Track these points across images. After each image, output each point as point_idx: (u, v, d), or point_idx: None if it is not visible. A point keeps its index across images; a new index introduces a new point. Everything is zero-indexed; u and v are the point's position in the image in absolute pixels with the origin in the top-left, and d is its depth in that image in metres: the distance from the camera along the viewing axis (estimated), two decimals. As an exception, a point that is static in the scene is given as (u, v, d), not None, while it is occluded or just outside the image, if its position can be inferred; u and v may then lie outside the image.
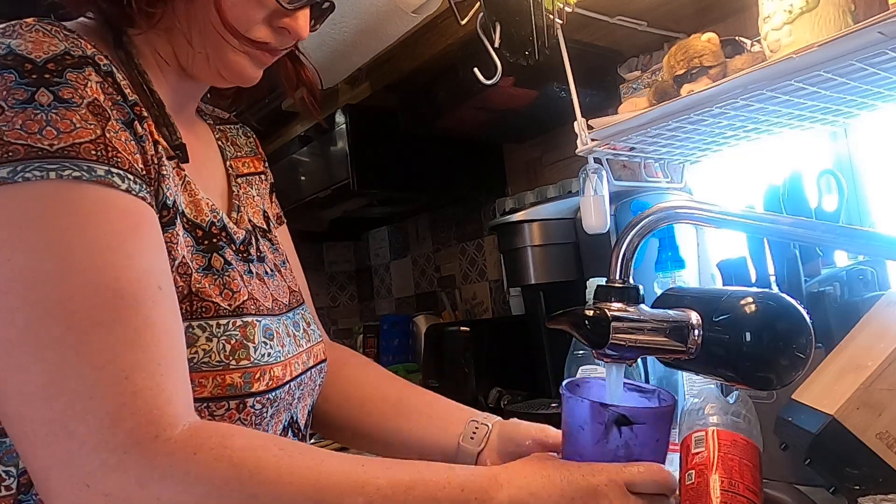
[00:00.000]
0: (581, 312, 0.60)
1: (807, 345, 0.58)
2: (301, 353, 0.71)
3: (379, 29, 1.22)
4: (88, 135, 0.52)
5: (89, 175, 0.51)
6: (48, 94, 0.51)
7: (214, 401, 0.59)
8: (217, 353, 0.60)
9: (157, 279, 0.54)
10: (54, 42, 0.54)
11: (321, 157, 1.64)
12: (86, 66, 0.55)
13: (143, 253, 0.53)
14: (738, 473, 0.71)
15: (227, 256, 0.66)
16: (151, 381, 0.49)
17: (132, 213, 0.54)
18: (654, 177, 1.16)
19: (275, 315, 0.69)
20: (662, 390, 0.66)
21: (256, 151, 0.89)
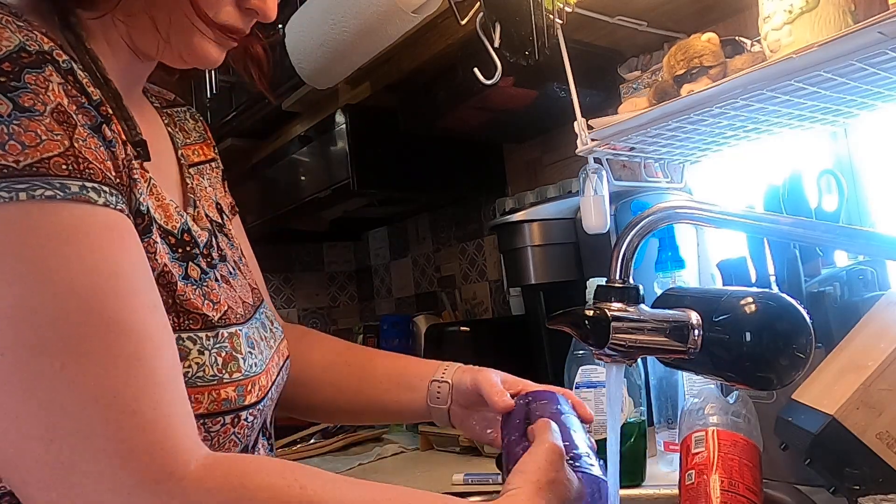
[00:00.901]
0: (581, 312, 0.60)
1: (807, 345, 0.58)
2: (273, 356, 0.70)
3: (379, 29, 1.21)
4: (56, 147, 0.47)
5: (63, 193, 0.46)
6: (7, 102, 0.46)
7: (211, 417, 0.57)
8: (210, 366, 0.58)
9: (147, 297, 0.50)
10: (6, 34, 0.47)
11: (321, 157, 1.64)
12: (45, 65, 0.48)
13: (130, 271, 0.49)
14: (738, 473, 0.71)
15: (202, 265, 0.63)
16: (156, 412, 0.46)
17: (113, 228, 0.49)
18: (654, 177, 1.16)
19: (248, 320, 0.67)
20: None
21: (206, 136, 0.83)
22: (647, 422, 0.97)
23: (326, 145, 1.60)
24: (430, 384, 0.81)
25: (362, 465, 1.33)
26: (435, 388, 0.81)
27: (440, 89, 1.36)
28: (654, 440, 1.00)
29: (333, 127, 1.56)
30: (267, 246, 2.19)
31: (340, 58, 1.31)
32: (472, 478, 1.07)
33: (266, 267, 2.39)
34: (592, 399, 0.94)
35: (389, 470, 1.28)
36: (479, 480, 1.06)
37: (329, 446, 1.49)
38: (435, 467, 1.22)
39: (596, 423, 0.94)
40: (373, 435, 1.56)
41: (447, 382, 0.81)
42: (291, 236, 2.14)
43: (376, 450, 1.41)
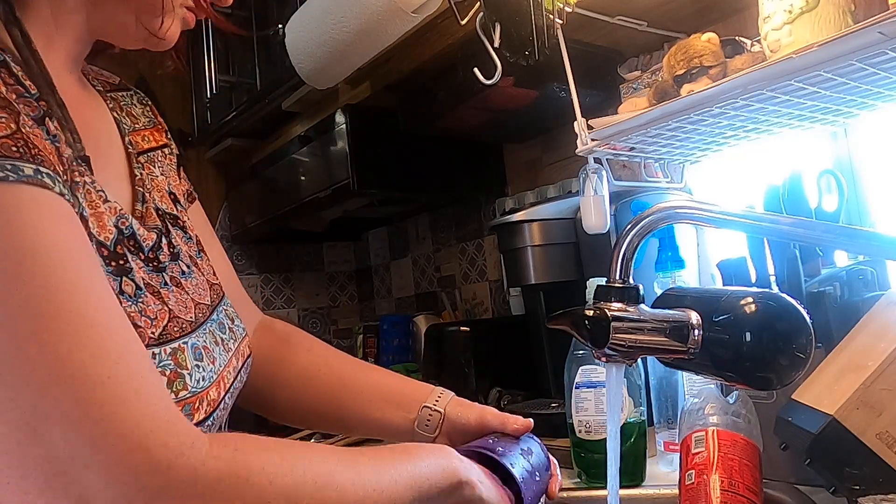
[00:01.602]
0: (581, 312, 0.60)
1: (807, 345, 0.58)
2: (231, 359, 0.66)
3: (379, 29, 1.21)
4: (3, 129, 0.43)
5: (16, 175, 0.42)
6: None
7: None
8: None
9: (111, 291, 0.48)
10: None
11: (321, 157, 1.64)
12: None
13: (94, 266, 0.47)
14: (738, 473, 0.71)
15: (138, 278, 0.57)
16: (158, 392, 0.45)
17: (73, 218, 0.46)
18: (654, 177, 1.16)
19: (200, 325, 0.62)
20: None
21: (156, 121, 0.76)
22: (647, 422, 0.97)
23: (326, 145, 1.60)
24: (422, 409, 0.77)
25: (362, 465, 1.33)
26: (426, 414, 0.77)
27: (440, 89, 1.36)
28: (654, 440, 1.00)
29: (333, 127, 1.56)
30: (267, 246, 2.20)
31: (340, 58, 1.31)
32: (472, 478, 1.06)
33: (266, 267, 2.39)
34: (592, 399, 0.94)
35: (389, 470, 1.28)
36: (479, 480, 1.05)
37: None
38: (435, 467, 1.22)
39: (596, 423, 0.94)
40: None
41: (439, 412, 0.77)
42: (291, 236, 2.15)
43: (376, 450, 1.41)
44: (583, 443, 0.95)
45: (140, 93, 0.77)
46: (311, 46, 1.34)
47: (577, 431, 0.96)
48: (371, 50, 1.28)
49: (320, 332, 2.27)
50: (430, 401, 0.77)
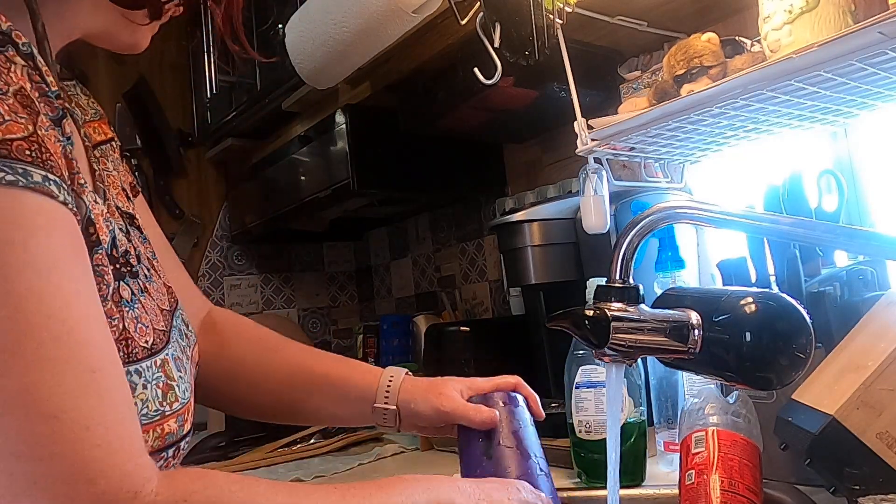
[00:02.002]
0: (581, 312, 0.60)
1: (807, 345, 0.58)
2: (191, 366, 0.64)
3: (379, 29, 1.21)
4: (20, 130, 0.41)
5: (25, 180, 0.40)
6: None
7: (155, 454, 0.52)
8: (153, 401, 0.52)
9: (101, 310, 0.46)
10: None
11: (321, 157, 1.64)
12: (7, 45, 0.44)
13: (88, 280, 0.45)
14: (738, 473, 0.71)
15: (131, 283, 0.55)
16: (115, 431, 0.41)
17: (72, 231, 0.45)
18: (654, 177, 1.16)
19: (168, 337, 0.60)
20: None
21: (101, 113, 0.72)
22: (647, 422, 0.97)
23: (326, 145, 1.60)
24: (374, 410, 0.76)
25: (362, 464, 1.33)
26: (380, 413, 0.76)
27: (440, 89, 1.36)
28: (654, 440, 1.00)
29: (333, 127, 1.56)
30: (267, 246, 2.20)
31: (340, 58, 1.31)
32: (472, 478, 1.07)
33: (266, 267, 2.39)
34: (592, 399, 0.94)
35: (389, 470, 1.28)
36: (479, 480, 1.06)
37: (329, 446, 1.49)
38: (435, 467, 1.22)
39: (596, 423, 0.94)
40: (373, 435, 1.56)
41: (393, 409, 0.75)
42: (291, 236, 2.15)
43: (376, 450, 1.41)
44: (583, 443, 0.95)
45: (80, 84, 0.72)
46: (311, 46, 1.33)
47: (577, 431, 0.96)
48: (371, 50, 1.28)
49: (320, 332, 2.27)
50: (380, 399, 0.75)
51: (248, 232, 2.01)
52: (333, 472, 1.29)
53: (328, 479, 1.25)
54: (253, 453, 1.46)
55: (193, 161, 2.09)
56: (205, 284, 2.07)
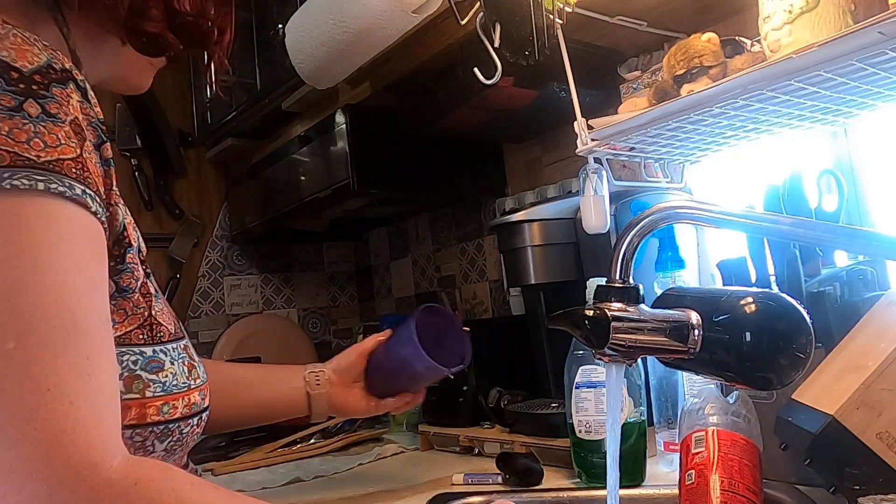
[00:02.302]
0: (581, 312, 0.60)
1: (807, 345, 0.58)
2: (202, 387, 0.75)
3: (379, 29, 1.21)
4: (71, 152, 0.52)
5: (70, 192, 0.51)
6: (37, 105, 0.51)
7: (184, 420, 0.63)
8: (180, 375, 0.63)
9: (107, 311, 0.54)
10: (35, 51, 0.53)
11: (321, 157, 1.64)
12: (69, 82, 0.54)
13: (103, 282, 0.54)
14: (738, 473, 0.71)
15: (151, 283, 0.66)
16: (94, 410, 0.48)
17: (97, 238, 0.54)
18: (654, 177, 1.16)
19: (179, 326, 0.70)
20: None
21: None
22: (647, 422, 0.97)
23: (326, 145, 1.60)
24: (307, 374, 0.93)
25: (362, 465, 1.33)
26: (313, 376, 0.93)
27: (440, 89, 1.36)
28: (654, 440, 1.00)
29: (333, 127, 1.56)
30: (267, 246, 2.20)
31: (340, 58, 1.31)
32: (472, 478, 1.07)
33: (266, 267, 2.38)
34: (592, 399, 0.94)
35: (389, 470, 1.28)
36: (479, 480, 1.06)
37: (329, 446, 1.49)
38: (435, 467, 1.22)
39: (596, 423, 0.94)
40: (373, 435, 1.56)
41: (323, 371, 0.94)
42: (291, 236, 2.15)
43: (376, 450, 1.41)
44: (583, 443, 0.95)
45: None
46: (311, 46, 1.33)
47: (577, 431, 0.96)
48: (371, 50, 1.28)
49: (320, 331, 2.27)
50: (308, 367, 0.95)
51: (248, 232, 2.01)
52: (333, 472, 1.29)
53: (328, 479, 1.25)
54: (253, 453, 1.46)
55: (193, 161, 2.09)
56: (205, 284, 2.07)
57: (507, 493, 1.00)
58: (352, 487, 1.16)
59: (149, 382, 0.60)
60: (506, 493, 1.00)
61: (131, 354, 0.60)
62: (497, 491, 1.01)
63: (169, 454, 0.63)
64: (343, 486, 1.18)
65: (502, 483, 1.03)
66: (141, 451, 0.60)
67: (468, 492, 1.01)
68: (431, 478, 1.13)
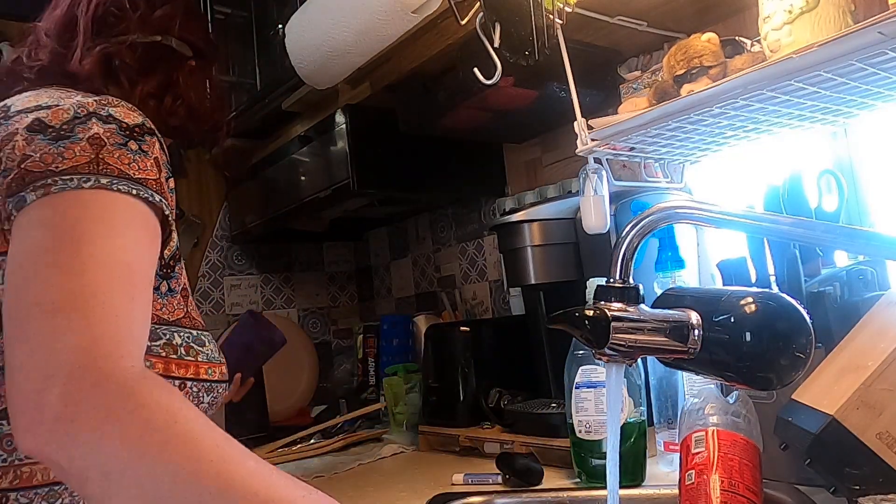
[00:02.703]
0: (581, 312, 0.60)
1: (807, 345, 0.58)
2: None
3: (379, 29, 1.21)
4: (153, 175, 0.74)
5: (151, 198, 0.72)
6: (136, 144, 0.74)
7: (220, 383, 0.84)
8: (215, 352, 0.85)
9: (152, 277, 0.71)
10: (135, 115, 0.77)
11: (321, 157, 1.64)
12: (154, 135, 0.78)
13: (153, 258, 0.72)
14: (738, 473, 0.71)
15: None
16: (129, 329, 0.62)
17: (156, 232, 0.73)
18: (654, 177, 1.16)
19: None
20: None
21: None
22: (647, 422, 0.97)
23: (326, 145, 1.60)
24: None
25: (362, 464, 1.33)
26: None
27: (440, 89, 1.36)
28: (654, 440, 1.00)
29: (333, 127, 1.56)
30: (267, 246, 2.20)
31: (340, 58, 1.31)
32: (472, 478, 1.07)
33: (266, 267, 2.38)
34: (592, 399, 0.94)
35: (389, 470, 1.29)
36: (479, 480, 1.06)
37: (329, 446, 1.49)
38: (435, 467, 1.22)
39: (596, 423, 0.94)
40: (373, 435, 1.56)
41: None
42: (291, 236, 2.14)
43: (376, 450, 1.41)
44: (583, 443, 0.95)
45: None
46: (311, 46, 1.33)
47: (577, 431, 0.96)
48: (371, 50, 1.28)
49: (320, 332, 2.27)
50: None
51: (248, 232, 2.01)
52: (333, 472, 1.29)
53: (328, 479, 1.25)
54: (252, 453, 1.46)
55: (193, 161, 2.08)
56: (205, 284, 2.07)
57: (507, 493, 1.00)
58: (352, 487, 1.16)
59: (199, 351, 0.82)
60: (506, 493, 1.00)
61: (185, 333, 0.81)
62: (497, 491, 1.01)
63: (210, 407, 0.83)
64: (343, 486, 1.19)
65: (502, 483, 1.03)
66: (194, 401, 0.79)
67: (468, 492, 1.01)
68: (431, 478, 1.13)
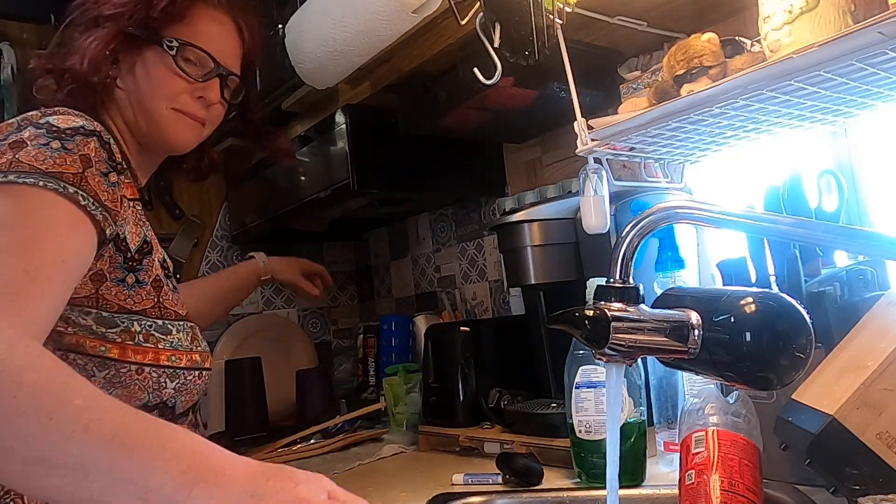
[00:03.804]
0: (581, 312, 0.60)
1: (807, 345, 0.58)
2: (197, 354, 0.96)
3: (379, 29, 1.21)
4: (73, 170, 0.75)
5: (62, 189, 0.73)
6: (59, 143, 0.76)
7: (188, 370, 0.88)
8: (184, 340, 0.89)
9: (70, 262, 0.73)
10: (76, 119, 0.79)
11: (321, 157, 1.64)
12: (92, 136, 0.79)
13: (73, 246, 0.74)
14: (738, 473, 0.71)
15: (172, 281, 0.93)
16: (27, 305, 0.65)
17: (77, 219, 0.75)
18: (654, 177, 1.16)
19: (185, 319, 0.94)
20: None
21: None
22: (647, 422, 0.97)
23: (326, 145, 1.60)
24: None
25: (362, 464, 1.33)
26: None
27: (440, 89, 1.36)
28: (654, 440, 1.00)
29: (333, 127, 1.56)
30: (267, 246, 2.19)
31: (340, 57, 1.31)
32: (472, 478, 1.07)
33: (266, 267, 2.33)
34: (592, 399, 0.94)
35: (389, 470, 1.28)
36: (479, 480, 1.06)
37: (329, 446, 1.49)
38: (435, 467, 1.22)
39: (596, 423, 0.94)
40: (373, 435, 1.56)
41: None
42: (291, 236, 2.14)
43: (376, 450, 1.41)
44: (583, 443, 0.95)
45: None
46: (311, 46, 1.33)
47: (577, 431, 0.96)
48: (371, 50, 1.28)
49: (320, 332, 2.27)
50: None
51: (248, 232, 2.01)
52: (333, 472, 1.29)
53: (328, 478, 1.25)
54: (253, 453, 1.46)
55: (193, 161, 2.08)
56: (205, 284, 2.07)
57: (507, 493, 1.00)
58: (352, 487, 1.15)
59: (160, 339, 0.86)
60: (506, 493, 1.00)
61: (147, 321, 0.85)
62: (497, 491, 1.01)
63: (178, 393, 0.87)
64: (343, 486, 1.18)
65: (502, 483, 1.03)
66: (155, 386, 0.84)
67: (468, 492, 1.01)
68: (431, 478, 1.13)
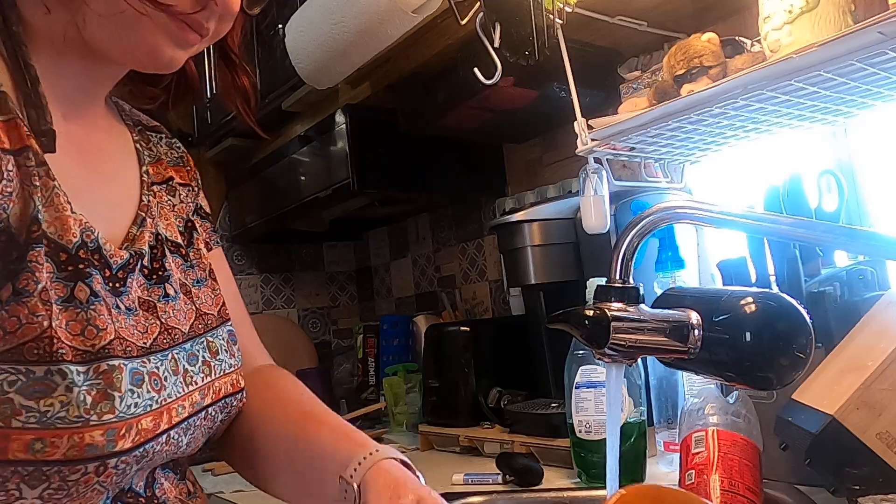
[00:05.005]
0: (581, 312, 0.60)
1: (807, 345, 0.57)
2: (192, 393, 0.63)
3: (379, 29, 1.21)
4: None
5: None
6: None
7: (68, 464, 0.51)
8: (76, 406, 0.51)
9: None
10: None
11: (321, 157, 1.64)
12: None
13: None
14: (738, 473, 0.71)
15: (95, 286, 0.56)
16: None
17: None
18: (654, 177, 1.16)
19: (159, 351, 0.60)
20: None
21: (184, 163, 0.79)
22: (647, 422, 0.97)
23: (326, 145, 1.60)
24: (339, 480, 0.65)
25: (362, 465, 1.33)
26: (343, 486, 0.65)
27: (440, 89, 1.36)
28: (654, 440, 1.00)
29: (333, 127, 1.56)
30: (267, 246, 2.20)
31: (340, 58, 1.31)
32: (472, 478, 1.07)
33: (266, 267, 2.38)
34: (592, 399, 0.94)
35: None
36: (479, 480, 1.06)
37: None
38: (435, 467, 1.22)
39: (596, 423, 0.94)
40: (373, 435, 1.55)
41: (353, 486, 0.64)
42: (291, 236, 2.15)
43: (376, 450, 1.41)
44: (583, 443, 0.95)
45: (175, 140, 0.80)
46: (311, 46, 1.33)
47: (577, 431, 0.96)
48: (371, 50, 1.28)
49: (320, 331, 2.27)
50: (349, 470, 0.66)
51: (248, 232, 2.01)
52: (333, 472, 1.29)
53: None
54: (253, 453, 1.46)
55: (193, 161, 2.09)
56: (205, 284, 2.07)
57: (507, 493, 1.00)
58: (352, 487, 1.15)
59: (20, 409, 0.50)
60: (506, 493, 1.00)
61: (10, 374, 0.50)
62: (497, 491, 1.01)
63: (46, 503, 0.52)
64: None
65: (502, 483, 1.03)
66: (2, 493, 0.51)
67: (468, 492, 1.01)
68: (431, 478, 1.13)
